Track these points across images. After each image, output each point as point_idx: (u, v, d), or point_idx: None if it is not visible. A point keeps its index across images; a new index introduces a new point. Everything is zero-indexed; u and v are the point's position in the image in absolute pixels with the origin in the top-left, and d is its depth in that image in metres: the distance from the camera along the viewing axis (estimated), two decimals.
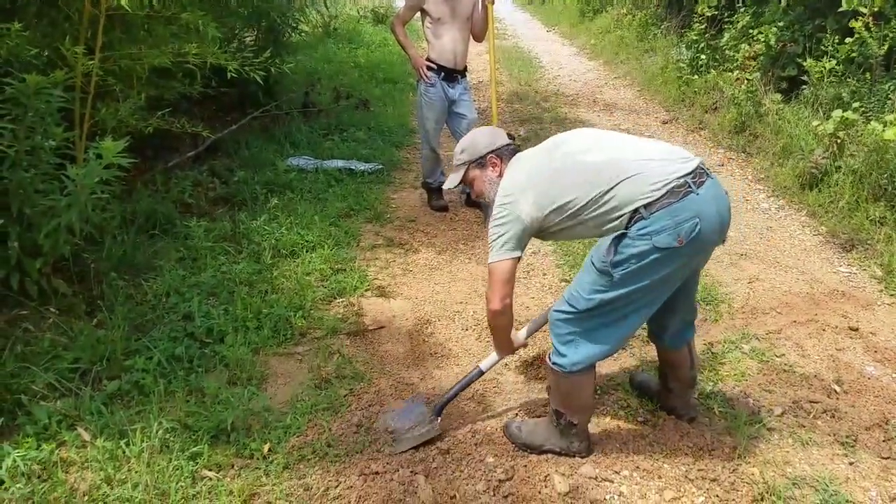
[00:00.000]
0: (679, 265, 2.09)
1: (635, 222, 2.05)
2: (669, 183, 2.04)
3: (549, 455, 2.43)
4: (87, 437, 2.42)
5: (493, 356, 2.61)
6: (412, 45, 4.77)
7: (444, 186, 2.67)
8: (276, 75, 5.61)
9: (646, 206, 2.03)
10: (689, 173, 2.07)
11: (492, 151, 2.44)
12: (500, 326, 2.46)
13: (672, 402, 2.63)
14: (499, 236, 2.26)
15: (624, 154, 2.15)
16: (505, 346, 2.56)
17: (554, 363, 2.29)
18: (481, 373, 2.62)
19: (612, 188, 2.08)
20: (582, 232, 2.24)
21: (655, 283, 2.10)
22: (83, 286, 3.28)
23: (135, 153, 3.15)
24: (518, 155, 2.43)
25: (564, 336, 2.25)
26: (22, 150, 2.88)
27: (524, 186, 2.24)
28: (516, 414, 2.69)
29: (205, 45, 3.61)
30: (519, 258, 2.28)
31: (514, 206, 2.23)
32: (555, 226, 2.22)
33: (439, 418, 2.57)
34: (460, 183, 2.55)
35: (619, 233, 2.09)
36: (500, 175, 2.41)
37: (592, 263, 2.17)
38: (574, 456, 2.43)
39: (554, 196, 2.17)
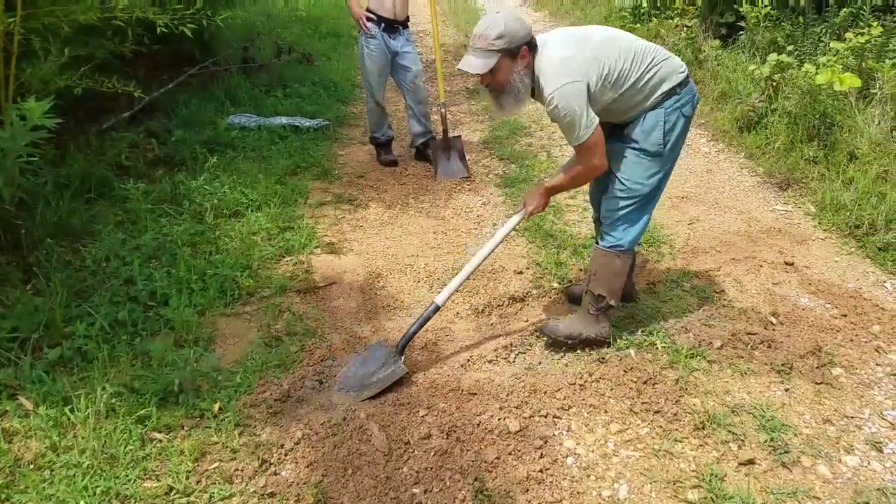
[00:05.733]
0: (686, 131, 2.57)
1: (669, 97, 2.46)
2: (684, 68, 2.52)
3: (499, 396, 2.47)
4: (28, 405, 2.36)
5: (451, 285, 2.67)
6: None
7: (471, 70, 2.35)
8: (213, 30, 5.39)
9: (679, 84, 2.47)
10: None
11: (526, 42, 2.37)
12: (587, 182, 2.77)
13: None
14: (579, 114, 2.34)
15: (648, 43, 2.51)
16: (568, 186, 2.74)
17: (612, 247, 2.62)
18: (437, 308, 2.65)
19: (655, 65, 2.44)
20: (613, 109, 2.48)
21: (679, 150, 2.58)
22: (17, 254, 3.15)
23: (66, 115, 3.01)
24: (544, 41, 2.44)
25: (621, 224, 2.60)
26: None
27: (582, 61, 2.36)
28: (468, 359, 2.73)
29: None
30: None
31: (582, 82, 2.34)
32: (599, 101, 2.42)
33: (402, 357, 2.60)
34: (488, 72, 2.37)
35: (656, 112, 2.45)
36: (527, 67, 2.40)
37: (639, 155, 2.50)
38: (604, 340, 2.75)
39: (611, 68, 2.38)
